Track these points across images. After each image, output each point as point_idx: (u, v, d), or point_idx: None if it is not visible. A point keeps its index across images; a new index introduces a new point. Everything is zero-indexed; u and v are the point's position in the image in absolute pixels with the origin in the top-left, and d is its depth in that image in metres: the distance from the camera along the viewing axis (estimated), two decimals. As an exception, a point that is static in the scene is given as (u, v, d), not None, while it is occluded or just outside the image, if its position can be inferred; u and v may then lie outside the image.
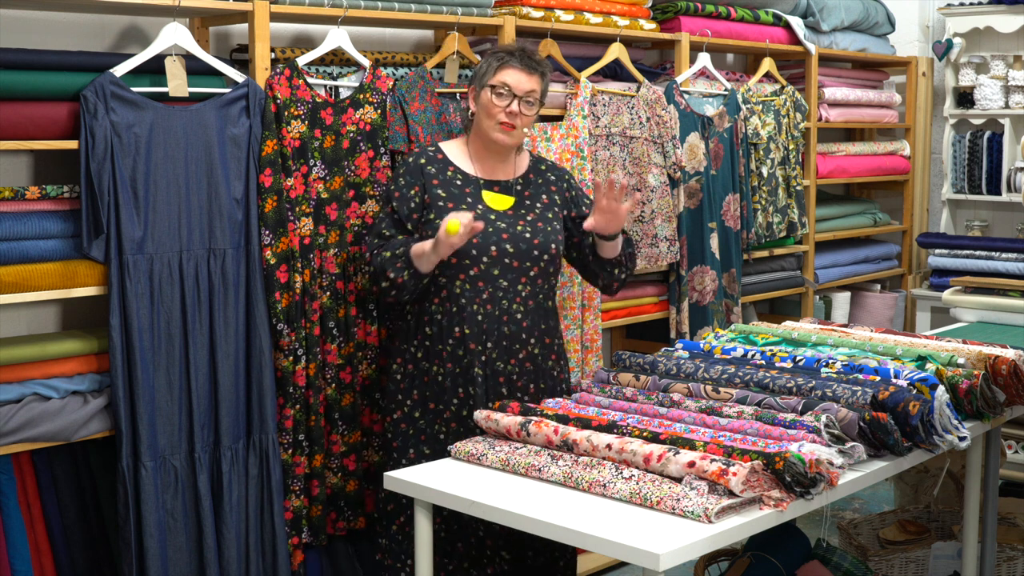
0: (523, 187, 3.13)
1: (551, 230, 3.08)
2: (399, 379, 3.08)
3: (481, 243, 2.98)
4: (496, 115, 3.01)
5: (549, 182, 3.18)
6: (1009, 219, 5.79)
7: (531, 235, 3.04)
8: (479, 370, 2.99)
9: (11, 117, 2.77)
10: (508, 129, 3.02)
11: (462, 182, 3.07)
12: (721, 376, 2.73)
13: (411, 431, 3.06)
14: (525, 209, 3.09)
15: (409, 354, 3.06)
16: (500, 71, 3.03)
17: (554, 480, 2.37)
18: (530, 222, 3.06)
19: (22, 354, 2.88)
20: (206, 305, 3.04)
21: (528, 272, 3.03)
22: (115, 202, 2.88)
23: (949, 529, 3.82)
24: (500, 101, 3.01)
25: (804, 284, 5.12)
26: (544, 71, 3.09)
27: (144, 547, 2.94)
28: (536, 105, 3.06)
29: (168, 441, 3.00)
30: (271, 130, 3.12)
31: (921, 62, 5.88)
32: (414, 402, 3.06)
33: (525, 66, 3.03)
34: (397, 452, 3.07)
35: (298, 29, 3.65)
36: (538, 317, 3.07)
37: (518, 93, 3.01)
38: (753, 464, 2.19)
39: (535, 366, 3.07)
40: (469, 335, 2.98)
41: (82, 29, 3.19)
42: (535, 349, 3.07)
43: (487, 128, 3.04)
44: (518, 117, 3.02)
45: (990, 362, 2.84)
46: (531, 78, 3.03)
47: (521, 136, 3.08)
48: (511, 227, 3.03)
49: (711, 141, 4.40)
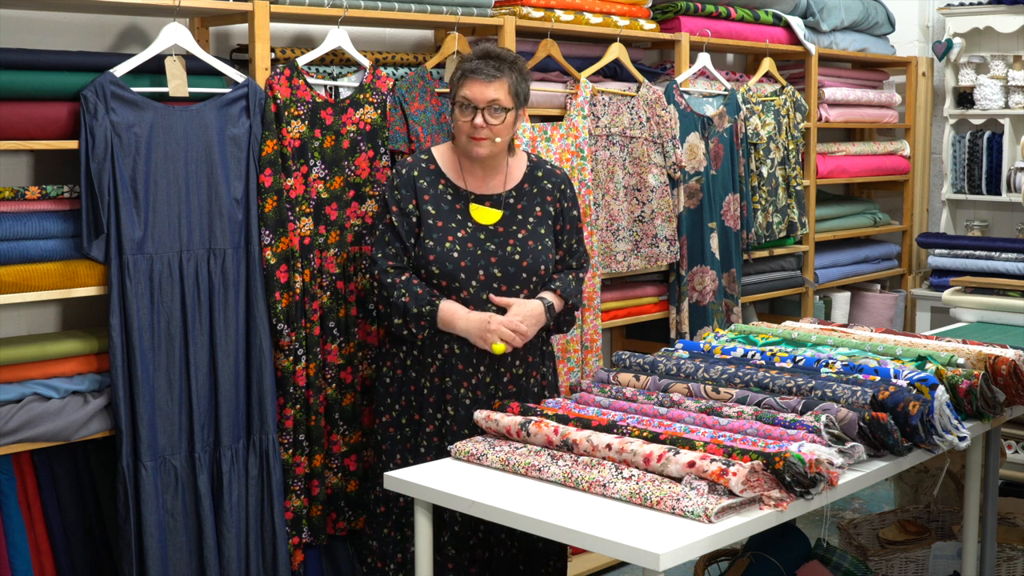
0: (516, 199, 3.07)
1: (542, 248, 3.04)
2: (388, 382, 3.07)
3: (469, 267, 2.95)
4: (465, 131, 2.96)
5: (544, 191, 3.10)
6: (1009, 219, 5.79)
7: (520, 256, 3.00)
8: (464, 391, 2.97)
9: (11, 117, 2.77)
10: (480, 141, 2.95)
11: (452, 197, 3.02)
12: (721, 376, 2.73)
13: (398, 436, 3.06)
14: (516, 225, 3.04)
15: (398, 359, 3.06)
16: (460, 85, 2.96)
17: (554, 480, 2.37)
18: (520, 240, 3.01)
19: (22, 354, 2.88)
20: (206, 305, 3.04)
21: (518, 294, 3.01)
22: (115, 202, 2.88)
23: (949, 529, 3.82)
24: (464, 116, 2.95)
25: (804, 284, 5.12)
26: (509, 71, 2.97)
27: (144, 547, 2.94)
28: (503, 112, 2.95)
29: (168, 441, 3.00)
30: (271, 130, 3.12)
31: (921, 62, 5.88)
32: (401, 408, 3.05)
33: (483, 75, 2.93)
34: (386, 455, 3.06)
35: (298, 29, 3.65)
36: None
37: (480, 105, 2.92)
38: (753, 464, 2.19)
39: (518, 387, 3.05)
40: (458, 354, 2.97)
41: (82, 29, 3.19)
42: (519, 370, 3.05)
43: (463, 144, 2.99)
44: (486, 128, 2.94)
45: (990, 362, 2.84)
46: (491, 85, 2.93)
47: (499, 146, 2.99)
48: (500, 248, 2.99)
49: (711, 141, 4.40)
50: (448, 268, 2.94)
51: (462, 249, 2.96)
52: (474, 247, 2.97)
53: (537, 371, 3.11)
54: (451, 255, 2.95)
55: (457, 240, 2.97)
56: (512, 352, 3.00)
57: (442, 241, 2.95)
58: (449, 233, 2.97)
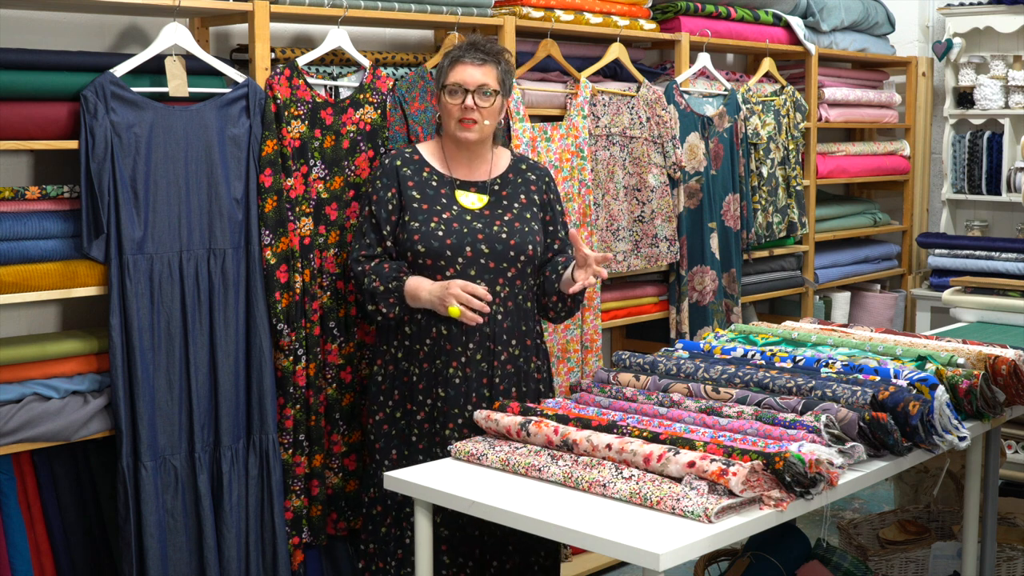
0: (500, 187, 3.11)
1: (528, 231, 3.06)
2: (380, 380, 3.07)
3: (455, 244, 2.97)
4: (454, 114, 3.01)
5: (528, 181, 3.15)
6: (1009, 219, 5.79)
7: (507, 235, 3.02)
8: (454, 371, 2.97)
9: (11, 117, 2.77)
10: (469, 126, 3.00)
11: (437, 183, 3.06)
12: (721, 376, 2.73)
13: (393, 431, 3.05)
14: (502, 209, 3.07)
15: (390, 355, 3.06)
16: (450, 71, 3.02)
17: (554, 480, 2.37)
18: (507, 222, 3.04)
19: (22, 354, 2.88)
20: (206, 305, 3.04)
21: (505, 273, 3.02)
22: (115, 202, 2.88)
23: (949, 529, 3.82)
24: (454, 100, 3.00)
25: (804, 284, 5.12)
26: (497, 58, 3.05)
27: (144, 547, 2.94)
28: (493, 96, 3.01)
29: (168, 441, 3.00)
30: (271, 130, 3.12)
31: (921, 62, 5.88)
32: (395, 402, 3.05)
33: (473, 59, 3.00)
34: (380, 454, 3.06)
35: (298, 29, 3.65)
36: (518, 318, 3.05)
37: (470, 88, 2.98)
38: (753, 464, 2.19)
39: (516, 368, 3.05)
40: (447, 335, 2.97)
41: (82, 29, 3.19)
42: (516, 351, 3.05)
43: (452, 129, 3.03)
44: (475, 111, 2.99)
45: (990, 362, 2.84)
46: (481, 69, 3.00)
47: (487, 131, 3.05)
48: (487, 227, 3.02)
49: (711, 141, 4.40)
50: (434, 246, 2.95)
51: (447, 228, 2.98)
52: (459, 227, 2.99)
53: (536, 356, 3.12)
54: (436, 234, 2.97)
55: (443, 220, 2.99)
56: (507, 329, 3.01)
57: (427, 222, 2.98)
58: (434, 215, 2.99)
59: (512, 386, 3.04)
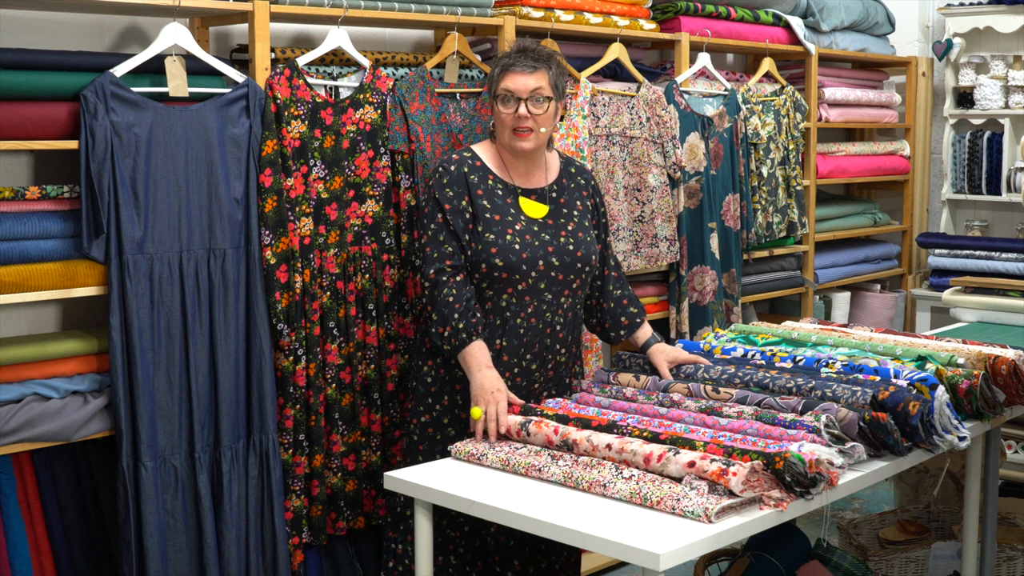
0: (558, 193, 3.09)
1: (590, 240, 3.05)
2: (429, 382, 3.02)
3: (530, 257, 2.94)
4: (508, 124, 2.96)
5: (580, 187, 3.13)
6: (1009, 219, 5.79)
7: (574, 247, 3.00)
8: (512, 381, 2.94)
9: (11, 117, 2.77)
10: (524, 135, 2.96)
11: (503, 191, 3.01)
12: (721, 376, 2.73)
13: (438, 436, 3.01)
14: (564, 218, 3.05)
15: (442, 358, 3.00)
16: (501, 79, 2.97)
17: (554, 480, 2.37)
18: (571, 232, 3.03)
19: (22, 354, 2.88)
20: (206, 305, 3.04)
21: (571, 284, 3.01)
22: (115, 202, 2.88)
23: (949, 529, 3.82)
24: (507, 108, 2.96)
25: (804, 284, 5.12)
26: (547, 63, 3.00)
27: (144, 547, 2.94)
28: (546, 102, 2.97)
29: (168, 441, 3.00)
30: (271, 130, 3.12)
31: (921, 62, 5.88)
32: (444, 407, 3.01)
33: (523, 67, 2.96)
34: (423, 456, 3.00)
35: (298, 29, 3.65)
36: (573, 327, 3.06)
37: (522, 96, 2.94)
38: (753, 464, 2.19)
39: (557, 374, 3.05)
40: (506, 347, 2.94)
41: (82, 29, 3.19)
42: (563, 358, 3.05)
43: (507, 140, 2.98)
44: (530, 119, 2.95)
45: (990, 362, 2.84)
46: (532, 76, 2.95)
47: (542, 137, 3.00)
48: (554, 239, 2.99)
49: (711, 141, 4.40)
50: (512, 260, 2.91)
51: (522, 241, 2.95)
52: (531, 239, 2.97)
53: (576, 363, 3.12)
54: (513, 247, 2.93)
55: (516, 233, 2.96)
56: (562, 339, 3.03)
57: (503, 234, 2.94)
58: (507, 226, 2.95)
59: (544, 389, 3.04)
